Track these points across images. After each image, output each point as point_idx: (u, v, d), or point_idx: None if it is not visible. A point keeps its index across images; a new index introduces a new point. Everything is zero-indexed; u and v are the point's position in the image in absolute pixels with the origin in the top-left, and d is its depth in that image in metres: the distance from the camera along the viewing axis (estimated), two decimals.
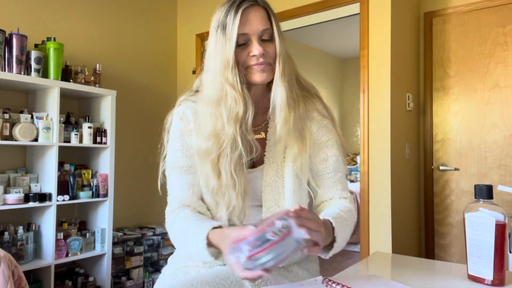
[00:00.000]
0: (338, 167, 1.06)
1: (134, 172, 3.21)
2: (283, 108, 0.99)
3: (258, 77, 0.98)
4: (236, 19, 0.94)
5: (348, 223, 0.97)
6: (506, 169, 2.52)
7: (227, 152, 0.96)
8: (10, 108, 2.41)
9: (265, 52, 0.96)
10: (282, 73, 0.98)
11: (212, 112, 0.98)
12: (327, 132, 1.06)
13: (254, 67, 0.97)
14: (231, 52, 0.95)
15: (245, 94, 0.97)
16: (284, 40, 1.00)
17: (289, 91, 1.00)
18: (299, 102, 1.03)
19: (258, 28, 0.96)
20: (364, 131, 2.53)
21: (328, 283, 0.78)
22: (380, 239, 2.45)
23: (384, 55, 2.47)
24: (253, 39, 0.96)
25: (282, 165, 1.01)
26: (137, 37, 3.33)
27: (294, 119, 1.00)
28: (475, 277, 0.82)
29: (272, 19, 0.98)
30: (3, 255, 1.66)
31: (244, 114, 0.97)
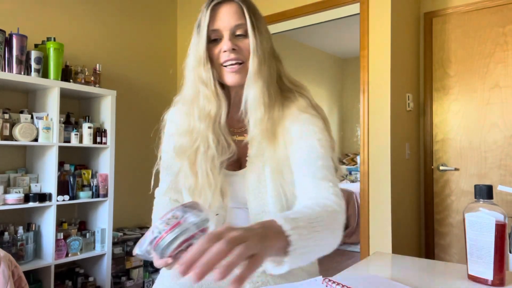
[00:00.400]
0: (314, 156, 0.91)
1: (134, 172, 3.21)
2: (255, 108, 0.94)
3: (230, 79, 0.95)
4: (207, 15, 0.93)
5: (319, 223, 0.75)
6: (506, 169, 2.52)
7: (201, 151, 0.96)
8: (10, 108, 2.41)
9: (237, 48, 0.93)
10: (257, 71, 0.92)
11: (186, 110, 0.99)
12: (303, 125, 0.94)
13: (226, 68, 0.95)
14: (202, 48, 0.94)
15: (218, 92, 0.96)
16: (264, 36, 0.96)
17: (264, 90, 0.93)
18: (276, 103, 0.96)
19: (230, 24, 0.93)
20: (364, 131, 2.53)
21: (328, 283, 0.78)
22: (380, 239, 2.45)
23: (384, 55, 2.47)
24: (225, 35, 0.93)
25: (263, 171, 0.95)
26: (137, 37, 3.34)
27: (268, 120, 0.94)
28: (475, 277, 0.82)
29: (246, 14, 0.93)
30: (3, 255, 1.66)
31: (217, 112, 0.96)
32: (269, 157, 0.95)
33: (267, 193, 0.95)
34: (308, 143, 0.92)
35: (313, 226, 0.73)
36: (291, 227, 0.67)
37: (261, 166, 0.96)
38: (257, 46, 0.93)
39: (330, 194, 0.86)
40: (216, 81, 0.96)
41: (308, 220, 0.72)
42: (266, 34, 0.97)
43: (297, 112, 0.96)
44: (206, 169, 0.95)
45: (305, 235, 0.69)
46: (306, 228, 0.70)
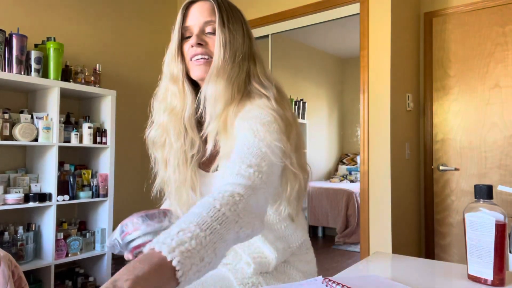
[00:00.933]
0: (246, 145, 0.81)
1: (134, 172, 3.21)
2: (213, 103, 0.92)
3: (194, 71, 0.96)
4: (181, 13, 0.96)
5: (217, 210, 0.63)
6: (506, 169, 2.52)
7: (167, 144, 0.98)
8: (10, 108, 2.41)
9: (204, 43, 0.94)
10: (219, 67, 0.91)
11: (157, 106, 1.03)
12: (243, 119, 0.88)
13: (192, 61, 0.96)
14: (174, 45, 0.97)
15: (185, 89, 0.97)
16: (236, 33, 0.94)
17: (228, 86, 0.91)
18: (234, 101, 0.92)
19: (199, 21, 0.94)
20: (364, 131, 2.53)
21: (328, 283, 0.78)
22: (380, 239, 2.45)
23: (384, 55, 2.47)
24: (194, 31, 0.95)
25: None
26: (137, 37, 3.34)
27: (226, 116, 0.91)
28: (475, 277, 0.82)
29: (217, 11, 0.93)
30: (3, 255, 1.66)
31: (182, 107, 0.97)
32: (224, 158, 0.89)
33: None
34: (242, 135, 0.84)
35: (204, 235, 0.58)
36: (173, 250, 0.53)
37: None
38: (224, 42, 0.92)
39: (229, 185, 0.72)
40: (185, 78, 0.98)
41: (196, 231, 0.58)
42: (239, 32, 0.96)
43: (248, 109, 0.90)
44: (174, 164, 0.96)
45: (195, 250, 0.55)
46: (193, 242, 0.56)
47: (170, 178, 0.98)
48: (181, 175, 0.96)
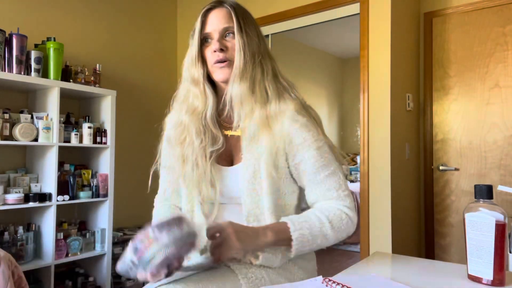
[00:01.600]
0: (320, 167, 0.99)
1: (134, 172, 3.21)
2: (241, 102, 1.01)
3: (218, 75, 1.04)
4: (199, 20, 1.04)
5: (324, 225, 0.94)
6: (506, 169, 2.52)
7: (187, 142, 1.04)
8: (10, 108, 2.41)
9: (225, 48, 1.02)
10: (242, 69, 1.00)
11: (178, 107, 1.10)
12: (302, 132, 1.00)
13: (215, 65, 1.03)
14: (195, 50, 1.05)
15: (206, 90, 1.05)
16: (252, 37, 1.03)
17: (253, 86, 1.01)
18: (272, 99, 1.03)
19: (218, 27, 1.03)
20: (364, 131, 2.53)
21: (328, 283, 0.78)
22: (380, 239, 2.45)
23: (384, 55, 2.47)
24: (214, 36, 1.03)
25: (259, 166, 0.99)
26: (137, 37, 3.34)
27: (263, 113, 1.01)
28: (475, 277, 0.83)
29: (234, 17, 1.02)
30: (3, 255, 1.66)
31: (203, 108, 1.05)
32: (265, 153, 0.99)
33: (262, 190, 0.99)
34: (311, 154, 0.99)
35: (314, 231, 0.94)
36: (296, 230, 0.92)
37: (256, 163, 1.00)
38: (243, 46, 1.01)
39: (337, 203, 0.99)
40: (205, 80, 1.06)
41: (315, 225, 0.94)
42: (255, 35, 1.05)
43: (294, 114, 1.01)
44: (193, 160, 1.02)
45: (304, 237, 0.92)
46: (310, 232, 0.93)
47: (188, 174, 1.03)
48: (200, 169, 1.01)
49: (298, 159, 1.01)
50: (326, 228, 0.94)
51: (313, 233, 0.93)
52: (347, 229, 0.98)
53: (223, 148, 1.04)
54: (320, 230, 0.94)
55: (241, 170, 1.01)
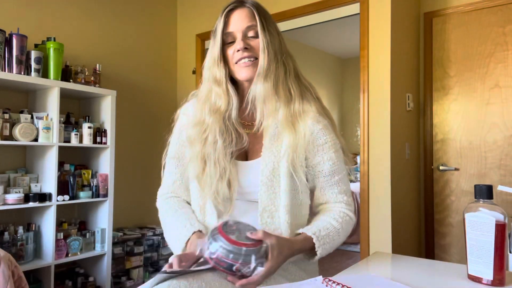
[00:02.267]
0: (335, 170, 1.05)
1: (134, 172, 3.21)
2: (264, 101, 1.03)
3: (242, 73, 1.04)
4: (222, 21, 1.05)
5: (339, 232, 1.02)
6: (506, 169, 2.52)
7: (209, 141, 1.04)
8: (10, 108, 2.41)
9: (250, 46, 1.04)
10: (266, 68, 1.02)
11: (200, 106, 1.10)
12: (324, 134, 1.05)
13: (239, 63, 1.04)
14: (217, 50, 1.05)
15: (228, 90, 1.06)
16: (275, 36, 1.05)
17: (276, 84, 1.03)
18: (295, 98, 1.05)
19: (242, 26, 1.04)
20: (364, 131, 2.53)
21: (328, 283, 0.78)
22: (380, 239, 2.45)
23: (384, 55, 2.47)
24: (237, 36, 1.04)
25: (278, 164, 1.01)
26: (137, 37, 3.34)
27: (287, 112, 1.03)
28: (475, 277, 0.83)
29: (256, 17, 1.03)
30: (3, 255, 1.66)
31: (226, 107, 1.06)
32: (287, 151, 1.01)
33: (280, 187, 1.01)
34: (330, 156, 1.05)
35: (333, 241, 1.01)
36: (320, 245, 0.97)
37: (276, 160, 1.02)
38: (267, 44, 1.03)
39: (345, 207, 1.06)
40: (228, 80, 1.06)
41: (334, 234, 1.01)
42: (276, 34, 1.07)
43: (317, 118, 1.05)
44: (214, 158, 1.02)
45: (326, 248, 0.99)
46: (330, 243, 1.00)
47: (208, 171, 1.03)
48: (221, 167, 1.02)
49: (317, 160, 1.04)
50: (341, 236, 1.03)
51: (332, 244, 1.01)
52: (349, 232, 1.07)
53: (247, 147, 1.06)
54: (337, 240, 1.02)
55: (261, 165, 1.02)
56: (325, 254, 1.00)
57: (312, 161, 1.05)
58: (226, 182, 1.01)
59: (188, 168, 1.10)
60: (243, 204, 1.05)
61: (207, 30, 3.39)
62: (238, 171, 1.04)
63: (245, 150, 1.07)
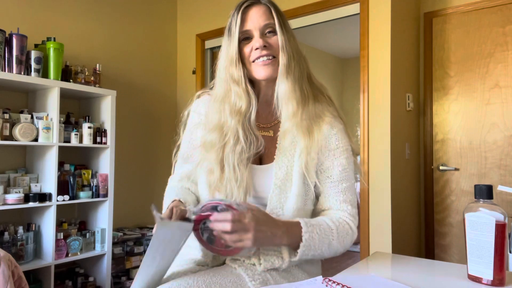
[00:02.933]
0: (344, 177, 1.02)
1: (134, 172, 3.21)
2: (286, 102, 1.00)
3: (261, 72, 1.01)
4: (238, 18, 1.01)
5: (332, 233, 0.95)
6: (506, 169, 2.52)
7: (230, 145, 1.00)
8: (10, 108, 2.41)
9: (268, 44, 1.01)
10: (287, 66, 1.00)
11: (218, 107, 1.05)
12: (337, 139, 1.03)
13: (257, 61, 1.01)
14: (234, 49, 1.01)
15: (248, 90, 1.02)
16: (291, 35, 1.03)
17: (294, 84, 1.00)
18: (309, 100, 1.03)
19: (259, 24, 1.01)
20: (364, 131, 2.53)
21: (328, 283, 0.78)
22: (380, 239, 2.45)
23: (384, 55, 2.47)
24: (255, 34, 1.01)
25: (291, 168, 1.00)
26: (137, 37, 3.33)
27: (302, 114, 1.00)
28: (475, 277, 0.82)
29: (274, 14, 1.01)
30: (3, 255, 1.66)
31: (247, 109, 1.02)
32: (301, 155, 0.99)
33: (291, 191, 0.99)
34: (341, 162, 1.02)
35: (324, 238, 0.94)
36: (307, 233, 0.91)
37: (289, 164, 1.00)
38: (286, 42, 1.00)
39: (348, 217, 1.01)
40: (246, 79, 1.03)
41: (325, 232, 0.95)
42: (291, 33, 1.05)
43: (332, 122, 1.04)
44: (234, 163, 0.99)
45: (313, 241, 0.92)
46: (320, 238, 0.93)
47: (224, 177, 0.99)
48: (238, 173, 0.99)
49: (327, 165, 1.02)
50: (334, 237, 0.96)
51: (321, 239, 0.94)
52: (347, 244, 1.01)
53: (261, 150, 1.03)
54: (328, 238, 0.95)
55: (274, 168, 1.00)
56: (311, 252, 0.93)
57: (322, 164, 1.02)
58: (243, 188, 0.99)
59: (200, 171, 1.07)
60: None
61: (207, 30, 3.39)
62: (253, 176, 1.02)
63: (260, 153, 1.05)
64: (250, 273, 0.94)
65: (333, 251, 0.98)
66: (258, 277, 0.93)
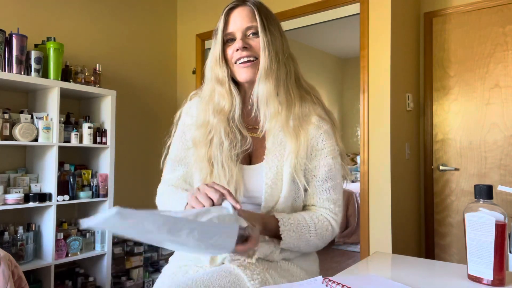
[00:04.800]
0: (329, 177, 1.04)
1: (134, 172, 3.21)
2: (267, 103, 1.02)
3: (242, 74, 1.03)
4: (222, 20, 1.04)
5: (311, 232, 0.99)
6: (506, 169, 2.52)
7: (215, 142, 1.03)
8: (10, 108, 2.41)
9: (249, 46, 1.02)
10: (267, 68, 1.00)
11: (203, 107, 1.08)
12: (324, 139, 1.04)
13: (238, 64, 1.03)
14: (218, 50, 1.04)
15: (232, 90, 1.05)
16: (276, 36, 1.03)
17: (277, 86, 1.01)
18: (295, 101, 1.04)
19: (242, 26, 1.02)
20: (364, 131, 2.53)
21: (328, 283, 0.78)
22: (380, 239, 2.45)
23: (384, 55, 2.47)
24: (237, 36, 1.03)
25: (281, 168, 1.01)
26: (137, 37, 3.34)
27: (288, 116, 1.01)
28: (475, 277, 0.83)
29: (257, 16, 1.01)
30: (3, 255, 1.66)
31: (230, 108, 1.04)
32: (290, 155, 1.00)
33: (282, 190, 1.00)
34: (327, 162, 1.04)
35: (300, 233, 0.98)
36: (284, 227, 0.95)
37: (279, 164, 1.01)
38: (268, 44, 1.01)
39: (329, 214, 1.03)
40: (230, 80, 1.05)
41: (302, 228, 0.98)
42: (278, 34, 1.05)
43: (318, 122, 1.05)
44: (222, 161, 1.01)
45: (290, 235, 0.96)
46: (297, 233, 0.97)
47: (220, 175, 1.01)
48: (227, 170, 1.01)
49: (313, 164, 1.04)
50: (312, 235, 0.99)
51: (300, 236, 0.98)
52: (327, 239, 1.04)
53: (251, 150, 1.05)
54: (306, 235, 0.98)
55: (265, 169, 1.01)
56: (294, 247, 0.98)
57: (309, 164, 1.04)
58: (234, 186, 1.00)
59: (193, 170, 1.08)
60: (248, 207, 1.04)
61: (207, 30, 3.39)
62: (243, 175, 1.03)
63: (248, 153, 1.06)
64: (249, 273, 0.94)
65: (313, 246, 1.02)
66: (257, 277, 0.93)
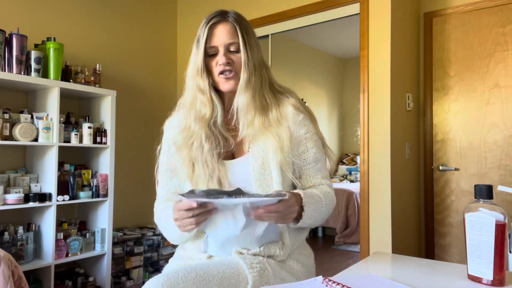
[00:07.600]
0: (318, 157, 1.14)
1: (134, 172, 3.21)
2: (245, 112, 1.09)
3: (224, 85, 1.11)
4: (205, 33, 1.10)
5: (322, 201, 1.08)
6: (506, 169, 2.52)
7: (195, 146, 1.09)
8: (10, 108, 2.41)
9: (231, 61, 1.10)
10: (247, 82, 1.09)
11: (185, 113, 1.15)
12: (304, 125, 1.13)
13: (221, 76, 1.10)
14: (200, 61, 1.11)
15: (213, 98, 1.12)
16: (254, 50, 1.11)
17: (254, 95, 1.09)
18: (272, 107, 1.12)
19: (224, 41, 1.09)
20: (364, 131, 2.53)
21: (328, 283, 0.78)
22: (380, 239, 2.45)
23: (384, 55, 2.47)
24: (220, 50, 1.10)
25: (267, 157, 1.07)
26: (137, 37, 3.34)
27: (265, 121, 1.09)
28: (475, 277, 0.83)
29: (239, 33, 1.09)
30: (3, 255, 1.66)
31: (211, 115, 1.11)
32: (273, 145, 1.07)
33: (272, 179, 1.06)
34: (312, 145, 1.13)
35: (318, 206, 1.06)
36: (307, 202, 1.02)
37: (264, 154, 1.07)
38: (248, 60, 1.09)
39: (328, 187, 1.15)
40: (211, 89, 1.12)
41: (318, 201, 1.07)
42: (256, 48, 1.13)
43: (294, 113, 1.13)
44: (202, 160, 1.08)
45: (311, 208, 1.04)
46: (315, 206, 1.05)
47: (197, 173, 1.08)
48: (209, 168, 1.07)
49: (301, 149, 1.12)
50: (323, 205, 1.08)
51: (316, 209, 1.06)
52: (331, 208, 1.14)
53: (232, 148, 1.12)
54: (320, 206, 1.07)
55: (251, 160, 1.07)
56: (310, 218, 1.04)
57: (297, 150, 1.11)
58: (216, 181, 1.06)
59: (179, 172, 1.13)
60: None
61: None
62: (227, 170, 1.09)
63: (232, 151, 1.13)
64: (248, 261, 0.99)
65: (322, 217, 1.11)
66: (256, 266, 0.98)
